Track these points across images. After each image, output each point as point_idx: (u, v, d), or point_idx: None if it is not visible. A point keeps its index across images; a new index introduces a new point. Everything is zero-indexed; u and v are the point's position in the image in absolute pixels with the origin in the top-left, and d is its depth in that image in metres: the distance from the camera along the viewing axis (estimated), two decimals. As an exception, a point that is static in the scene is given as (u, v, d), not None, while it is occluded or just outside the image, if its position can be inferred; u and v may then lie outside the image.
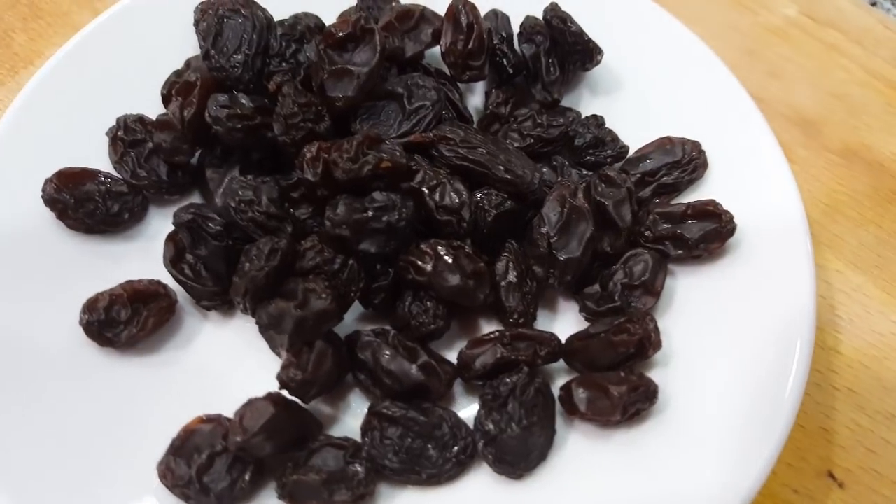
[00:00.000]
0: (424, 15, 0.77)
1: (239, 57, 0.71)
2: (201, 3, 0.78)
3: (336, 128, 0.71)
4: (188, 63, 0.77)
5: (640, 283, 0.67)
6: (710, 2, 1.00)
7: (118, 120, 0.74)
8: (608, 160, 0.75)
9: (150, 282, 0.68)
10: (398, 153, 0.66)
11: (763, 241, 0.69)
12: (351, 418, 0.66)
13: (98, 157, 0.74)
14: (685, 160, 0.72)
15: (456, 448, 0.61)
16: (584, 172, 0.75)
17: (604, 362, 0.64)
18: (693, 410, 0.63)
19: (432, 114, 0.71)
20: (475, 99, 0.82)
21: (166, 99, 0.76)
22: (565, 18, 0.76)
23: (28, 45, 0.92)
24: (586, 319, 0.69)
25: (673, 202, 0.73)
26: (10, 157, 0.72)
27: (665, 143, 0.74)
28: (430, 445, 0.62)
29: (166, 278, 0.69)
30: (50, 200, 0.68)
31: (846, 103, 0.93)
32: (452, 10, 0.75)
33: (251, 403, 0.59)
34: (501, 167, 0.68)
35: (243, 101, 0.69)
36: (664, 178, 0.72)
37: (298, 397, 0.61)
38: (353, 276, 0.66)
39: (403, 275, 0.66)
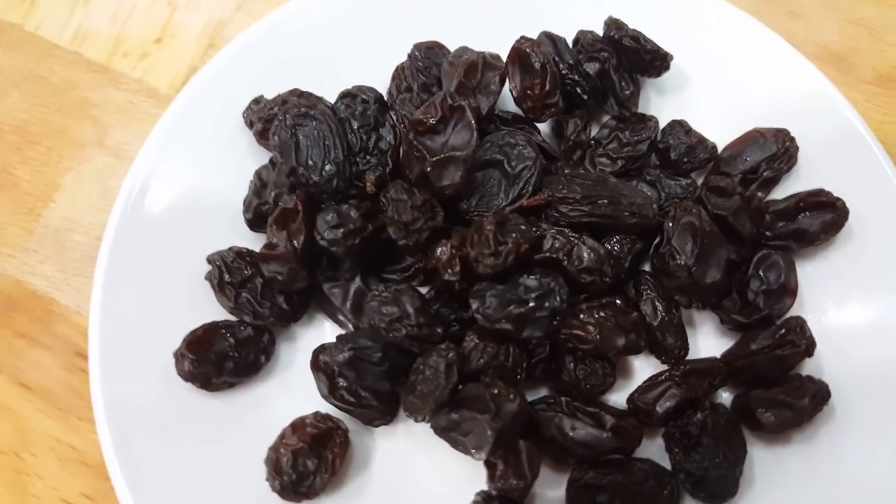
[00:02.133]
0: (487, 62, 0.76)
1: (330, 168, 0.69)
2: (257, 110, 0.75)
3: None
4: (259, 176, 0.75)
5: (779, 286, 0.72)
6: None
7: (213, 261, 0.71)
8: (701, 164, 0.78)
9: (316, 418, 0.68)
10: (525, 228, 0.68)
11: (868, 215, 0.74)
12: (542, 489, 0.70)
13: (191, 297, 0.73)
14: (780, 151, 0.76)
15: (665, 494, 0.67)
16: (682, 181, 0.78)
17: (771, 375, 0.69)
18: (853, 392, 0.70)
19: (536, 172, 0.72)
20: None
21: (253, 223, 0.74)
22: (637, 36, 0.76)
23: (37, 179, 0.85)
24: (730, 329, 0.74)
25: (773, 193, 0.78)
26: (119, 331, 0.70)
27: (756, 137, 0.77)
28: (638, 500, 0.67)
29: (319, 406, 0.70)
30: (191, 376, 0.67)
31: (867, 28, 0.97)
32: (517, 53, 0.75)
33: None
34: (627, 212, 0.71)
35: (351, 213, 0.69)
36: (766, 174, 0.76)
37: (518, 502, 0.65)
38: (518, 360, 0.68)
39: (564, 345, 0.69)
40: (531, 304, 0.65)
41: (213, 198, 0.76)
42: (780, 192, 0.77)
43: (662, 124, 0.80)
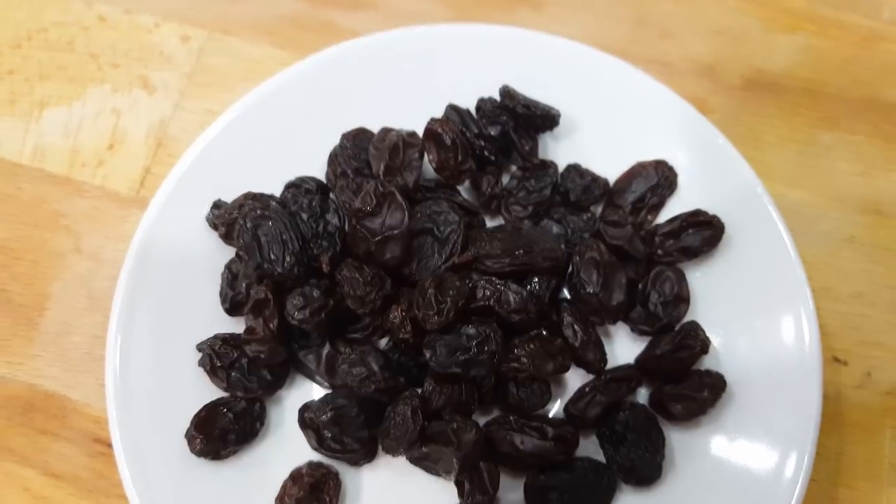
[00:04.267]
0: (406, 141, 0.90)
1: (290, 259, 0.83)
2: (219, 215, 0.88)
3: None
4: (230, 269, 0.89)
5: (673, 297, 0.89)
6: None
7: (202, 349, 0.85)
8: (597, 199, 0.94)
9: (311, 467, 0.83)
10: (459, 284, 0.83)
11: (741, 223, 0.91)
12: (505, 494, 0.86)
13: (189, 380, 0.87)
14: (662, 180, 0.92)
15: (604, 484, 0.84)
16: (583, 216, 0.94)
17: (677, 373, 0.86)
18: (745, 375, 0.87)
19: (461, 234, 0.87)
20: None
21: (231, 311, 0.88)
22: (528, 104, 0.92)
23: (28, 291, 0.97)
24: (639, 335, 0.91)
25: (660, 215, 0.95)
26: (134, 420, 0.84)
27: (639, 170, 0.93)
28: (582, 492, 0.84)
29: (310, 455, 0.85)
30: (203, 452, 0.82)
31: (729, 36, 1.12)
32: (431, 133, 0.90)
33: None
34: (541, 258, 0.86)
35: (314, 293, 0.83)
36: (652, 201, 0.93)
37: (486, 510, 0.82)
38: (470, 394, 0.84)
39: (506, 376, 0.85)
40: (473, 350, 0.81)
41: (192, 293, 0.89)
42: (667, 214, 0.94)
43: (561, 166, 0.96)
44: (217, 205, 0.90)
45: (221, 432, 0.83)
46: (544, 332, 0.85)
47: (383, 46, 0.99)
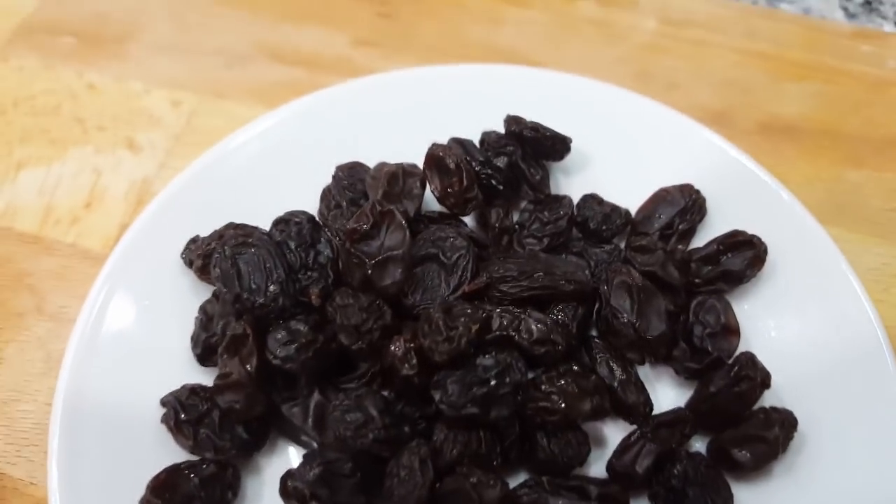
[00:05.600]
0: (405, 170, 0.75)
1: (274, 288, 0.66)
2: (195, 248, 0.72)
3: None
4: (204, 311, 0.71)
5: (720, 327, 0.70)
6: (585, 44, 1.06)
7: (167, 403, 0.66)
8: (619, 229, 0.78)
9: (295, 549, 0.62)
10: (471, 311, 0.65)
11: (783, 245, 0.75)
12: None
13: (149, 445, 0.67)
14: (689, 204, 0.77)
15: (662, 555, 0.62)
16: (606, 247, 0.77)
17: (736, 412, 0.67)
18: (816, 414, 0.67)
19: (471, 259, 0.70)
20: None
21: (203, 357, 0.69)
22: (536, 126, 0.78)
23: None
24: (686, 378, 0.71)
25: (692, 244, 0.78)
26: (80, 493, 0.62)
27: (663, 196, 0.78)
28: (636, 565, 0.62)
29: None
30: (160, 525, 0.60)
31: (737, 86, 1.01)
32: (433, 158, 0.75)
33: None
34: (563, 281, 0.69)
35: (300, 328, 0.65)
36: (681, 227, 0.76)
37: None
38: (491, 445, 0.64)
39: (533, 421, 0.65)
40: (493, 383, 0.62)
41: (161, 342, 0.71)
42: (698, 242, 0.77)
43: (575, 202, 0.80)
44: (194, 240, 0.74)
45: (184, 499, 0.62)
46: (575, 368, 0.66)
47: (381, 86, 0.87)
